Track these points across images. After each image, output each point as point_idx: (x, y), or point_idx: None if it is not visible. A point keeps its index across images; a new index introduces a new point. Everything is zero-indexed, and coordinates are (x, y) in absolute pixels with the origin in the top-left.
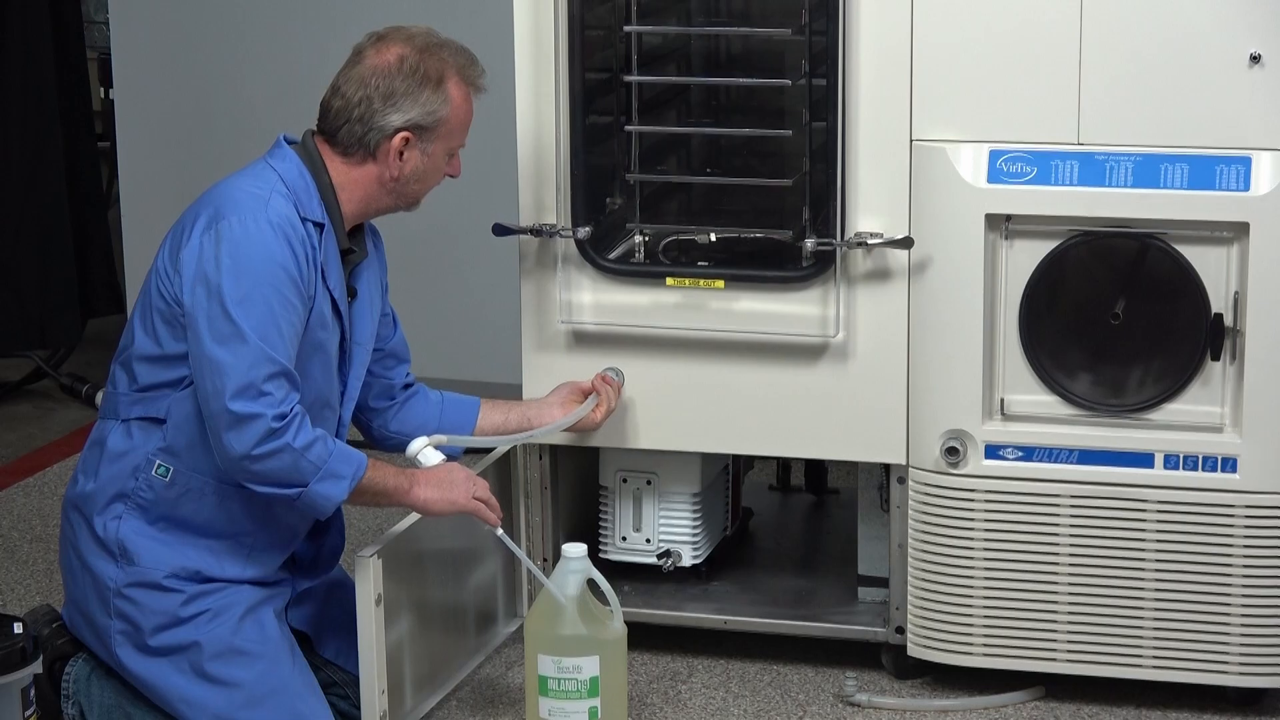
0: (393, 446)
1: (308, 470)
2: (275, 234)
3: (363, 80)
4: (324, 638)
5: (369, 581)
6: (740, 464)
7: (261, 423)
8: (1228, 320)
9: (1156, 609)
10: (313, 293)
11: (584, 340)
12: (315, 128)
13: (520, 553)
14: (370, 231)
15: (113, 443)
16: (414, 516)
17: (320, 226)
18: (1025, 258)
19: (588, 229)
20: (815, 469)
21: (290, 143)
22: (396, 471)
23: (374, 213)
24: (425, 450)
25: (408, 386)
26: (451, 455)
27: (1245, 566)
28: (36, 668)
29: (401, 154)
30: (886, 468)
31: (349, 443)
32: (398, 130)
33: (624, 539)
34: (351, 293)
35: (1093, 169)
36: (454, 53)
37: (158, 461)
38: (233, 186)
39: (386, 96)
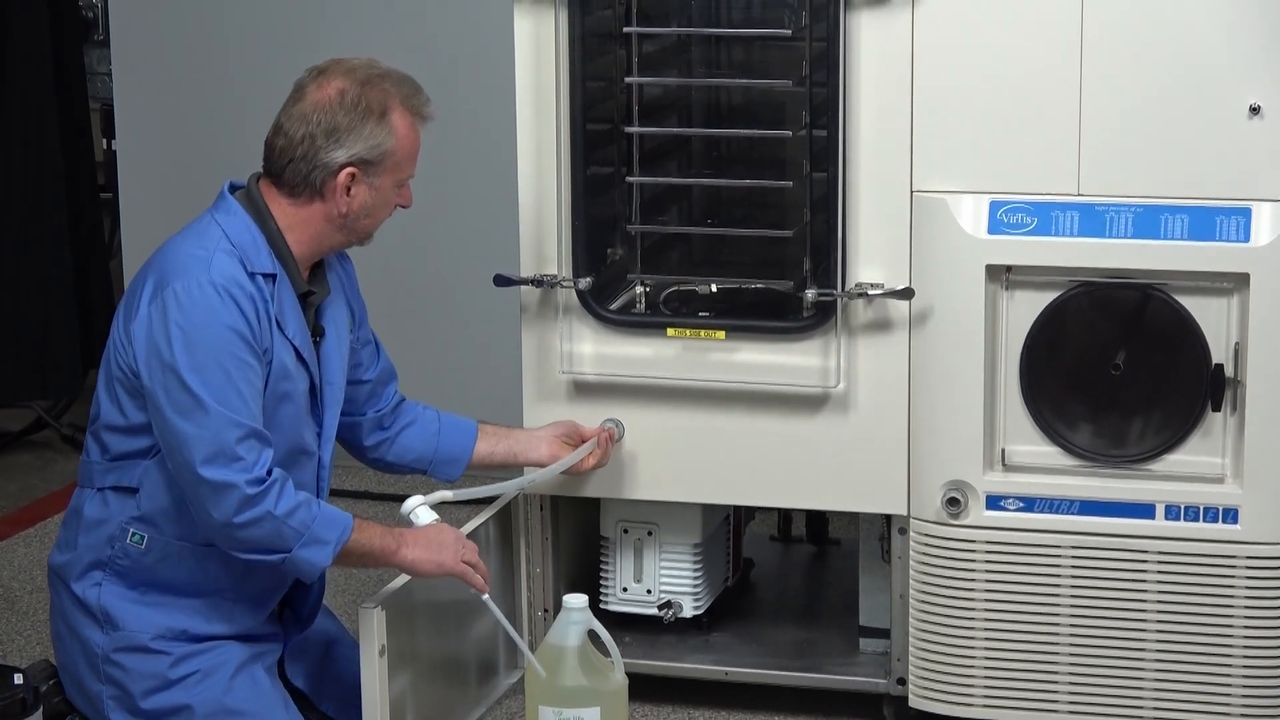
0: (398, 471)
1: (290, 537)
2: (220, 296)
3: (304, 117)
4: (323, 694)
5: (372, 633)
6: (741, 514)
7: (237, 491)
8: (1228, 371)
9: (1158, 660)
10: (267, 346)
11: (585, 390)
12: (261, 169)
13: (505, 622)
14: (337, 260)
15: (89, 511)
16: None
17: (272, 277)
18: (1026, 308)
19: (589, 280)
20: (816, 519)
21: (236, 189)
22: (384, 532)
23: (327, 250)
24: (419, 510)
25: (398, 405)
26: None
27: (1246, 617)
28: (37, 719)
29: (349, 190)
30: (888, 518)
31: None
32: (343, 166)
33: (625, 590)
34: (320, 332)
35: (1093, 220)
36: (396, 83)
37: (132, 530)
38: (175, 250)
39: (329, 132)
